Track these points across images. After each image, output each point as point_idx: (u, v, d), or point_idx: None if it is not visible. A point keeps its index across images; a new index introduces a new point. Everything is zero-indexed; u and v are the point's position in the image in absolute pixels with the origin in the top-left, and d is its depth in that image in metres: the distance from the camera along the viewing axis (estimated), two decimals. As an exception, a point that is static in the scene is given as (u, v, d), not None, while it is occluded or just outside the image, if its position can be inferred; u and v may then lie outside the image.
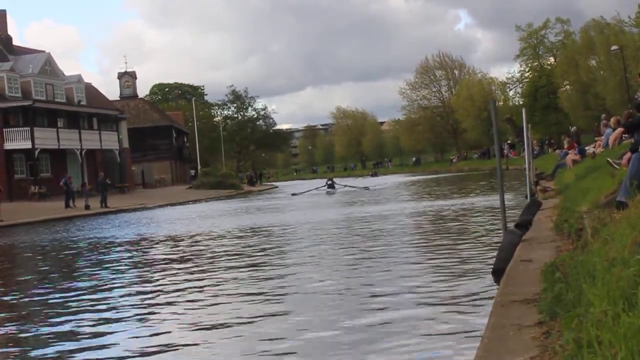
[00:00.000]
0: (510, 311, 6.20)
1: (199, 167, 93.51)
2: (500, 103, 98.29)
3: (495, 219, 18.49)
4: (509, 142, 79.55)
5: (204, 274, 13.76)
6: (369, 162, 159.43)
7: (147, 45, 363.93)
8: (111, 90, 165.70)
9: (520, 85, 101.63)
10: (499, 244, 11.12)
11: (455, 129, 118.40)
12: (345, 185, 58.56)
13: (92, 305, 11.14)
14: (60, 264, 18.77)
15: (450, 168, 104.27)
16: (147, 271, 15.38)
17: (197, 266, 15.25)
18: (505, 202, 11.59)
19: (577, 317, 4.95)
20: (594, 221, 9.10)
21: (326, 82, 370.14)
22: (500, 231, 11.68)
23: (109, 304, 11.21)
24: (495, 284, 9.44)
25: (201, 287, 12.19)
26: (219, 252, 17.86)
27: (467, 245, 14.76)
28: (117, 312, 10.40)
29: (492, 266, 10.45)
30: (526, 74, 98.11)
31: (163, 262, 16.82)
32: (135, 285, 13.22)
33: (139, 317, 10.03)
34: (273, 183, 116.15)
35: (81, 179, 59.32)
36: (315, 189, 57.02)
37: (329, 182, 59.28)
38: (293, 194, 53.98)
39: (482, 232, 17.01)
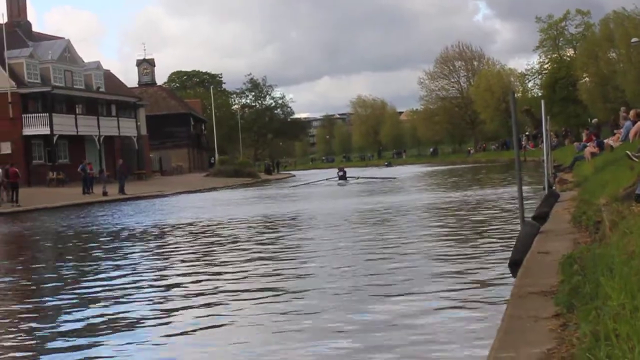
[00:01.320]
0: (527, 303, 6.19)
1: (217, 155, 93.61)
2: (519, 94, 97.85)
3: (513, 211, 18.45)
4: (527, 133, 79.30)
5: (221, 261, 13.80)
6: (386, 152, 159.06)
7: (166, 32, 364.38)
8: (130, 78, 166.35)
9: (540, 77, 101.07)
10: (516, 236, 11.09)
11: (473, 120, 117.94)
12: (357, 177, 54.94)
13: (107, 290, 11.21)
14: (75, 249, 18.86)
15: (468, 159, 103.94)
16: (163, 259, 15.43)
17: (215, 252, 15.30)
18: (523, 194, 11.55)
19: (594, 309, 4.94)
20: (613, 214, 9.08)
21: (344, 72, 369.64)
22: (518, 223, 11.65)
23: (120, 290, 11.27)
24: (511, 275, 9.43)
25: (219, 273, 12.24)
26: (236, 238, 17.90)
27: (484, 236, 14.73)
28: (130, 304, 10.45)
29: (509, 258, 10.44)
30: (545, 66, 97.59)
31: (180, 249, 16.88)
32: (148, 275, 13.28)
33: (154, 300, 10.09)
34: (290, 172, 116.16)
35: (99, 165, 59.46)
36: (327, 179, 54.07)
37: (340, 173, 55.86)
38: (305, 183, 53.09)
39: (500, 223, 16.97)
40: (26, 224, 29.62)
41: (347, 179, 54.06)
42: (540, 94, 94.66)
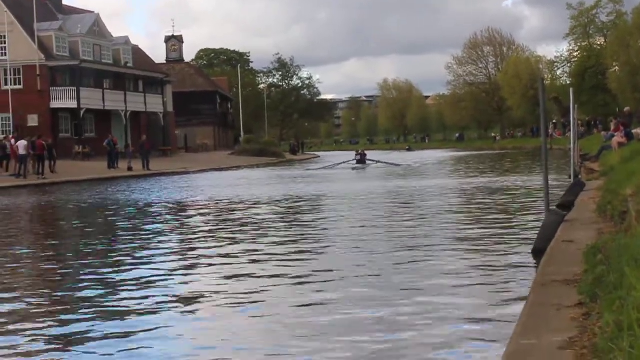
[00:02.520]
0: (550, 291, 6.18)
1: (242, 134, 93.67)
2: (548, 82, 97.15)
3: (538, 199, 18.37)
4: (554, 121, 78.79)
5: (242, 239, 13.84)
6: (410, 136, 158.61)
7: (194, 9, 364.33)
8: (157, 54, 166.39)
9: (569, 65, 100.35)
10: (541, 224, 11.05)
11: (500, 107, 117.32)
12: (377, 161, 50.53)
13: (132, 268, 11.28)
14: (99, 223, 18.98)
15: (494, 145, 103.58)
16: (186, 235, 15.50)
17: (238, 232, 15.35)
18: (549, 182, 11.50)
19: (618, 299, 4.91)
20: (639, 204, 9.02)
21: (371, 54, 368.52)
22: (543, 211, 11.60)
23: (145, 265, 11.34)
24: (535, 263, 9.40)
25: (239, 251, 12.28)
26: (261, 217, 17.95)
27: (508, 223, 14.68)
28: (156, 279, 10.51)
29: (533, 245, 10.41)
30: (575, 54, 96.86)
31: (202, 225, 16.94)
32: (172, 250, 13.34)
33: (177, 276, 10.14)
34: (315, 153, 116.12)
35: (125, 140, 59.69)
36: (343, 162, 50.50)
37: (358, 157, 51.36)
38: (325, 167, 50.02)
39: (524, 211, 16.91)
40: (54, 196, 29.84)
41: (367, 162, 50.46)
42: (569, 82, 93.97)
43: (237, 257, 11.82)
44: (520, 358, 4.52)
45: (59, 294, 9.41)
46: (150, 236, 15.10)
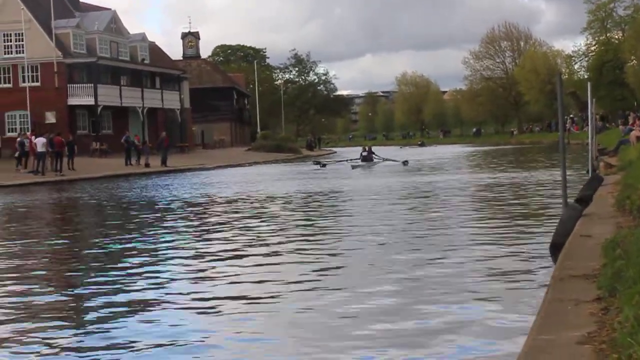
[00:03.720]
0: (569, 286, 6.14)
1: (259, 130, 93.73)
2: (565, 76, 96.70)
3: (556, 193, 18.30)
4: (571, 116, 78.49)
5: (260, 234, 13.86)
6: (429, 130, 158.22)
7: (210, 6, 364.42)
8: (173, 51, 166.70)
9: (586, 59, 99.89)
10: (558, 218, 11.01)
11: (517, 101, 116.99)
12: (385, 159, 46.94)
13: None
14: (116, 219, 19.03)
15: (511, 140, 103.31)
16: (204, 231, 15.53)
17: (260, 226, 15.37)
18: (567, 177, 11.45)
19: (637, 294, 4.89)
20: (658, 199, 8.97)
21: (386, 50, 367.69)
22: (561, 205, 11.56)
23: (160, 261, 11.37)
24: (552, 258, 9.37)
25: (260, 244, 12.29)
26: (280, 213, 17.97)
27: (525, 218, 14.64)
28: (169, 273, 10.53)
29: (550, 240, 10.36)
30: (592, 48, 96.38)
31: (222, 222, 16.97)
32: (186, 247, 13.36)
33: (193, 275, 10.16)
34: (332, 148, 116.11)
35: (142, 137, 59.86)
36: (347, 160, 47.60)
37: (365, 153, 47.02)
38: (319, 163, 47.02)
39: (542, 205, 16.85)
40: (74, 192, 29.96)
41: (374, 159, 46.50)
42: (586, 77, 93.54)
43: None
44: (538, 353, 4.50)
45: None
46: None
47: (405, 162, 43.63)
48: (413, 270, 9.50)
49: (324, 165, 45.89)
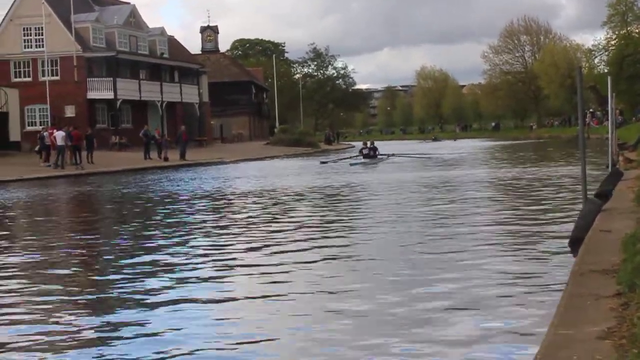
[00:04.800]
0: (588, 281, 6.12)
1: (277, 124, 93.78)
2: (585, 71, 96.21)
3: (575, 188, 18.22)
4: (591, 110, 78.07)
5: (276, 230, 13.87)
6: (447, 124, 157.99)
7: (229, 0, 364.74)
8: (192, 45, 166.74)
9: (606, 53, 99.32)
10: (578, 213, 10.97)
11: (537, 96, 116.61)
12: (390, 155, 43.28)
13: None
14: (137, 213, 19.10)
15: (530, 135, 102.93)
16: (222, 226, 15.55)
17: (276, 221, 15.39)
18: (586, 171, 11.40)
19: (657, 289, 4.87)
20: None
21: (404, 44, 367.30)
22: (580, 200, 11.51)
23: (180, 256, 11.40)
24: (572, 253, 9.33)
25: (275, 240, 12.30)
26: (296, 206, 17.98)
27: (545, 213, 14.58)
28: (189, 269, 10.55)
29: (570, 235, 10.32)
30: (612, 42, 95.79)
31: (244, 216, 17.00)
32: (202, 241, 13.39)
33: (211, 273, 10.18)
34: (350, 142, 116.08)
35: (161, 131, 60.02)
36: (350, 157, 44.54)
37: (365, 150, 42.52)
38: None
39: (562, 200, 16.79)
40: (90, 186, 30.08)
41: (378, 156, 42.55)
42: (606, 71, 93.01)
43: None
44: (558, 348, 4.49)
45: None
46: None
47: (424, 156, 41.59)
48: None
49: (324, 163, 41.97)
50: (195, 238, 13.29)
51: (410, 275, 8.90)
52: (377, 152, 42.62)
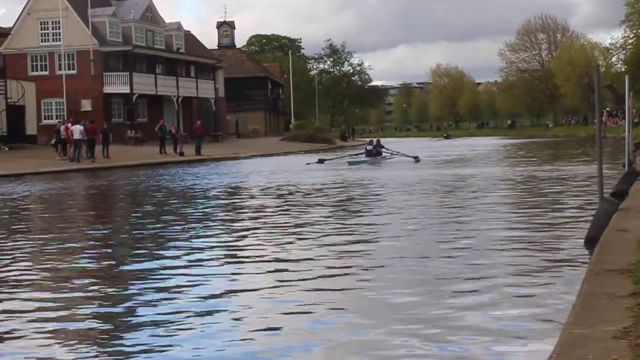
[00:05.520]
0: (604, 280, 6.10)
1: (293, 119, 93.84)
2: (602, 69, 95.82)
3: (591, 187, 18.16)
4: (608, 109, 77.80)
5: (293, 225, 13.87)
6: (462, 122, 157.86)
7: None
8: (208, 40, 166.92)
9: (623, 52, 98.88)
10: (594, 213, 10.93)
11: (553, 94, 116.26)
12: (395, 153, 40.59)
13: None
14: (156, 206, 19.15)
15: (546, 133, 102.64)
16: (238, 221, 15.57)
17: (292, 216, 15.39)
18: (603, 171, 11.35)
19: (674, 289, 4.84)
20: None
21: (420, 41, 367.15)
22: (596, 199, 11.46)
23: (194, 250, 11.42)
24: (588, 252, 9.30)
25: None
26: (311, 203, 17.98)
27: (561, 212, 14.53)
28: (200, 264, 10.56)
29: (586, 234, 10.28)
30: (630, 41, 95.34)
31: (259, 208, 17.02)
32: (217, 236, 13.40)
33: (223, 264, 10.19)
34: (365, 139, 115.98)
35: (177, 126, 60.14)
36: (350, 155, 42.37)
37: (369, 147, 41.03)
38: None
39: (577, 199, 16.73)
40: (108, 180, 30.18)
41: (383, 154, 40.93)
42: (623, 70, 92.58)
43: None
44: (573, 347, 4.47)
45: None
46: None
47: (416, 158, 37.72)
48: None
49: (322, 162, 38.94)
50: (213, 233, 13.30)
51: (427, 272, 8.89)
52: (381, 151, 40.99)
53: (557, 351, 4.48)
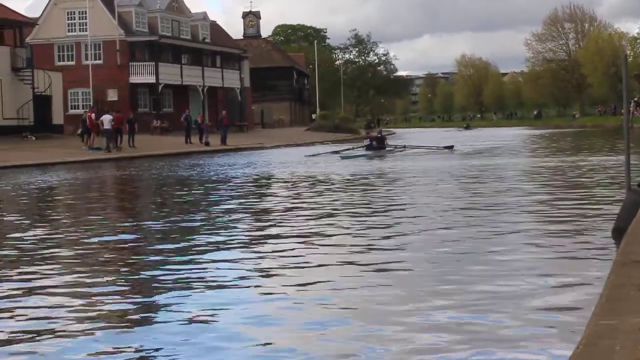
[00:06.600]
0: (631, 271, 6.04)
1: (318, 110, 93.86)
2: (630, 59, 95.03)
3: (619, 177, 18.04)
4: (635, 99, 77.21)
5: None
6: (487, 112, 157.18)
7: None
8: (234, 30, 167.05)
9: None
10: (621, 203, 10.85)
11: (580, 84, 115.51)
12: (402, 147, 38.00)
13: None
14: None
15: (572, 123, 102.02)
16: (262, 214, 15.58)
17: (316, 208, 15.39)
18: (630, 161, 11.26)
19: (703, 281, 4.80)
20: None
21: (444, 31, 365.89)
22: (623, 190, 11.38)
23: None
24: (614, 243, 9.24)
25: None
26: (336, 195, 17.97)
27: (588, 202, 14.45)
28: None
29: (613, 225, 10.21)
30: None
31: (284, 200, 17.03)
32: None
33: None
34: (390, 129, 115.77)
35: (202, 115, 60.30)
36: (352, 148, 38.41)
37: (370, 140, 37.65)
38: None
39: (604, 190, 16.62)
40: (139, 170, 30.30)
41: (387, 147, 37.81)
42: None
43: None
44: (599, 338, 4.44)
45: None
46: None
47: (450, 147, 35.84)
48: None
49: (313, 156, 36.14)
50: (242, 222, 13.33)
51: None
52: (385, 143, 38.00)
53: (583, 342, 4.44)
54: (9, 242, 11.57)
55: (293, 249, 10.19)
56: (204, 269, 8.99)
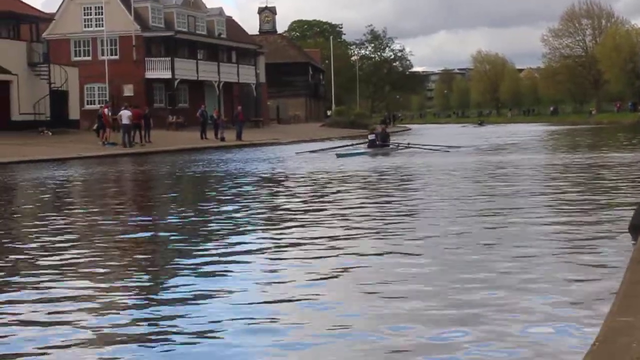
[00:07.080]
0: (648, 268, 6.00)
1: (333, 105, 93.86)
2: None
3: (636, 174, 17.95)
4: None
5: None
6: (504, 109, 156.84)
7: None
8: (250, 26, 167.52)
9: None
10: (639, 199, 10.78)
11: (597, 80, 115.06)
12: (405, 145, 35.03)
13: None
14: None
15: (589, 120, 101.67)
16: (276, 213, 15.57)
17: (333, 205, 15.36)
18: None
19: None
20: None
21: (460, 27, 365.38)
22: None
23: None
24: (632, 239, 9.18)
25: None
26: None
27: (604, 199, 14.37)
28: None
29: (630, 222, 10.14)
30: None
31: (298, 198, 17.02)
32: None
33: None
34: (406, 125, 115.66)
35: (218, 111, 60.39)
36: (352, 145, 37.57)
37: (372, 137, 35.10)
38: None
39: (621, 186, 16.54)
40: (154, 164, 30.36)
41: (390, 145, 35.55)
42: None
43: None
44: (616, 335, 4.40)
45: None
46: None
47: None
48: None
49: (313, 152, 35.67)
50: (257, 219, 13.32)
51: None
52: (388, 141, 35.69)
53: (600, 339, 4.41)
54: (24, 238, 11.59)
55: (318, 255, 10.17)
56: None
